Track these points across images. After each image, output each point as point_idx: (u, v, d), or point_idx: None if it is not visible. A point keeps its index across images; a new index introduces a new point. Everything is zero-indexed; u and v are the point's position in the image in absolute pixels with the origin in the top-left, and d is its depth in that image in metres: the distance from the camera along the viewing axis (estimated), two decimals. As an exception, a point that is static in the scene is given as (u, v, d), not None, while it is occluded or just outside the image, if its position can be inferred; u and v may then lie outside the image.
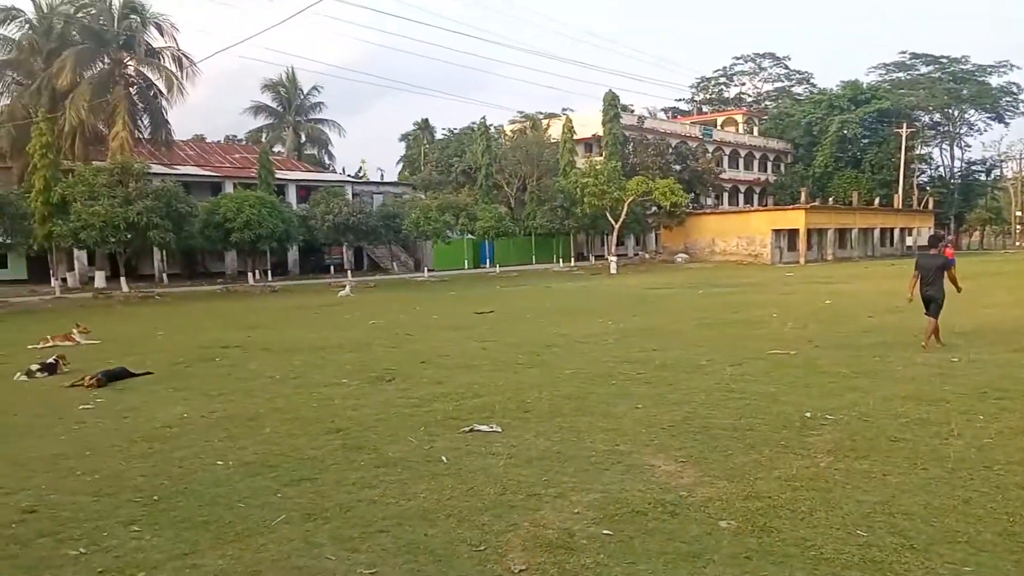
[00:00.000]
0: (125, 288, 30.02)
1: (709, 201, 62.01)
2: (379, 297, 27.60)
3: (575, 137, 51.00)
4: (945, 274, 11.49)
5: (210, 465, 6.24)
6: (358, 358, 12.04)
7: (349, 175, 55.56)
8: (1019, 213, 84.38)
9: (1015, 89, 72.38)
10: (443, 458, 6.24)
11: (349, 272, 38.60)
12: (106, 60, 36.18)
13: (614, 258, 42.87)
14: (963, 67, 71.94)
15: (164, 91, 37.04)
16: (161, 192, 30.70)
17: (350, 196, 43.08)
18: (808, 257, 48.47)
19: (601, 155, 51.77)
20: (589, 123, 53.31)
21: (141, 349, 13.91)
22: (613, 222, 44.19)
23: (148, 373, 10.85)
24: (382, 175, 61.68)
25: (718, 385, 8.98)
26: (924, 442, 6.37)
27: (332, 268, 41.99)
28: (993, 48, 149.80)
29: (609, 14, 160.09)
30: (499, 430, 7.11)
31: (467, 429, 7.15)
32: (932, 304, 11.44)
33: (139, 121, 37.80)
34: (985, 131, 76.59)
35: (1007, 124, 75.54)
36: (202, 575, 4.18)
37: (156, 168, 36.13)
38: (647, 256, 53.66)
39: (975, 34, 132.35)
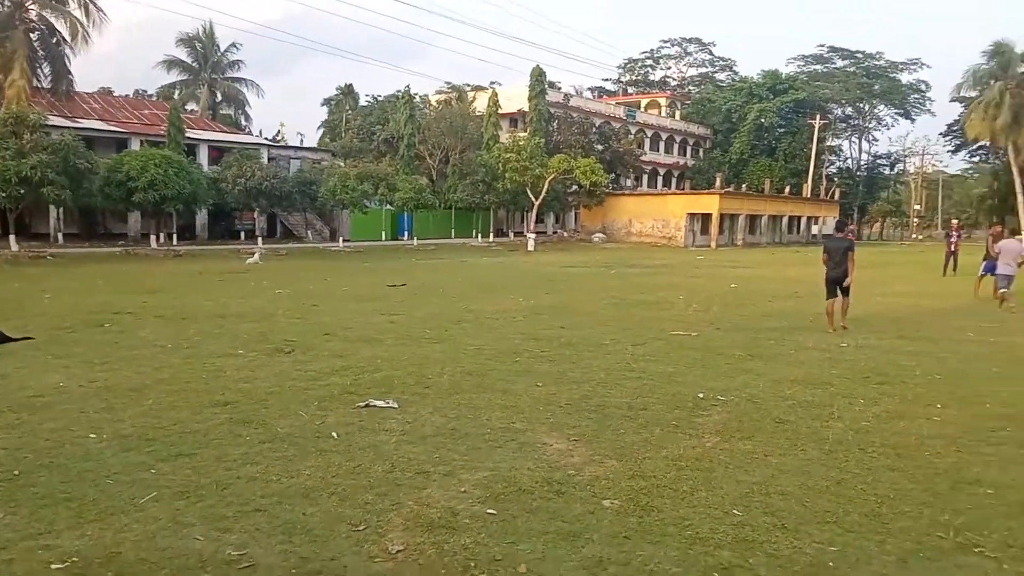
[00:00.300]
0: (14, 247, 28.22)
1: (629, 182, 62.89)
2: (289, 265, 26.88)
3: (500, 111, 50.62)
4: (849, 256, 12.04)
5: (81, 438, 5.89)
6: (258, 328, 11.65)
7: (266, 138, 53.63)
8: (917, 207, 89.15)
9: (923, 87, 76.20)
10: (334, 434, 6.09)
11: (260, 239, 37.41)
12: (6, 3, 33.70)
13: (532, 235, 43.02)
14: (876, 63, 75.09)
15: (68, 39, 34.82)
16: (59, 146, 28.83)
17: (265, 160, 41.62)
18: (720, 241, 49.85)
19: (525, 131, 51.69)
20: (515, 98, 53.06)
21: (24, 312, 13.07)
22: (533, 199, 44.31)
23: (28, 338, 10.18)
24: (302, 140, 59.75)
25: (619, 364, 9.09)
26: (806, 424, 6.60)
27: (243, 234, 40.61)
28: (907, 45, 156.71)
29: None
30: (395, 406, 6.98)
31: (362, 404, 6.99)
32: (841, 286, 12.02)
33: (39, 69, 35.45)
34: (892, 126, 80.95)
35: (913, 121, 79.68)
36: (56, 556, 3.92)
37: (55, 120, 33.92)
38: (565, 234, 54.07)
39: (892, 29, 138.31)
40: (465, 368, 8.76)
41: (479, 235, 47.38)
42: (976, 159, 79.16)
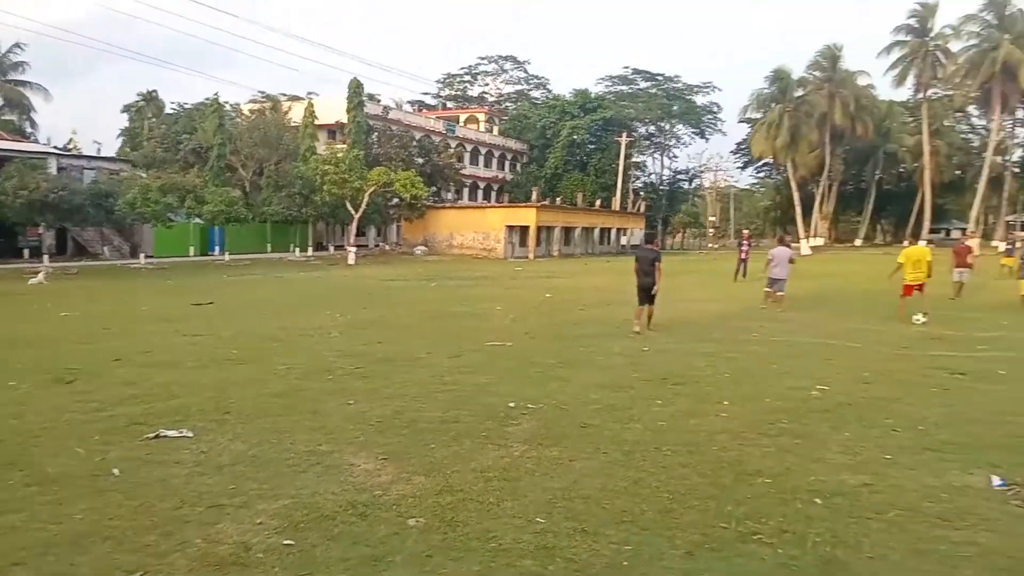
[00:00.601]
0: None
1: (450, 196, 63.37)
2: (80, 285, 24.48)
3: (317, 123, 49.33)
4: (657, 266, 12.95)
5: None
6: (36, 356, 10.46)
7: (56, 147, 48.64)
8: (713, 218, 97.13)
9: (715, 109, 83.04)
10: (115, 471, 5.54)
11: (47, 256, 33.86)
12: None
13: (352, 249, 42.14)
14: (675, 85, 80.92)
15: None
16: None
17: (54, 170, 37.77)
18: (537, 253, 51.41)
19: (344, 143, 50.63)
20: (333, 109, 51.79)
21: None
22: (353, 212, 43.45)
23: None
24: (98, 149, 54.95)
25: (433, 378, 9.04)
26: (609, 427, 6.87)
27: (27, 252, 36.56)
28: (702, 69, 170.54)
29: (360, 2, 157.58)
30: (190, 435, 6.49)
31: (152, 436, 6.44)
32: (649, 293, 12.87)
33: None
34: (690, 144, 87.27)
35: (707, 139, 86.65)
36: None
37: None
38: (387, 248, 53.55)
39: (688, 56, 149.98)
40: (272, 390, 8.34)
41: (297, 249, 45.76)
42: (762, 175, 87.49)
